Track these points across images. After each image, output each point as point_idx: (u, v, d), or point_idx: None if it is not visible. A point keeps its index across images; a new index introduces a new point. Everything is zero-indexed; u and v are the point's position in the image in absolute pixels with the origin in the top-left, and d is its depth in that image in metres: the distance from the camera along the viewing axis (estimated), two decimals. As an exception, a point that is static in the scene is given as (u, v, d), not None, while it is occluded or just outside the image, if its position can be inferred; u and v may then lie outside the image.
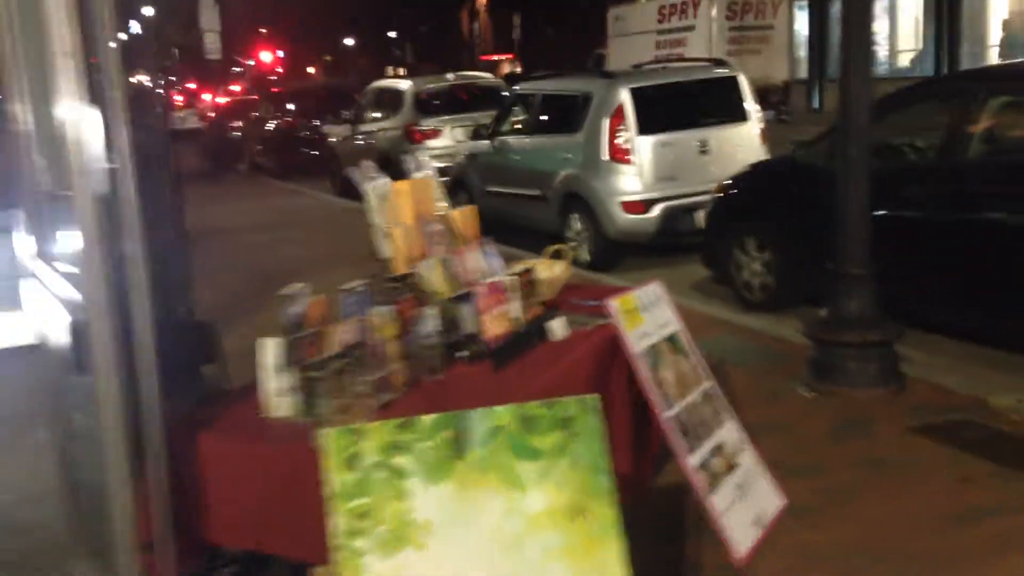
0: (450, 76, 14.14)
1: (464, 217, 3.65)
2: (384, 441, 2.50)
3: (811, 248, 6.65)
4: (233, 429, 2.72)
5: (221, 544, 2.74)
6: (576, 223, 9.45)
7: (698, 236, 8.51)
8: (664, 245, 9.29)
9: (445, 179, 12.03)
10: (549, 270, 4.23)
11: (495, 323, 3.37)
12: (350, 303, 2.88)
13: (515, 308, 3.47)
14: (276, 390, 2.61)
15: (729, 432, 4.14)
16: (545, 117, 10.27)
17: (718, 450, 3.99)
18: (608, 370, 3.76)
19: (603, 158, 9.15)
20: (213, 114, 23.81)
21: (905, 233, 6.32)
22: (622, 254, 9.35)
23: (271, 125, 19.25)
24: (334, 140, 15.74)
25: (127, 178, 2.41)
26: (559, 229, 9.68)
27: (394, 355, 3.01)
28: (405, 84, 13.87)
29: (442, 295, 3.28)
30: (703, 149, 9.30)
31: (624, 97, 9.15)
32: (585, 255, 9.34)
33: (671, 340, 4.06)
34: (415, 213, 3.44)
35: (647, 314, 4.01)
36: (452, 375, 3.20)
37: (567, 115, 9.76)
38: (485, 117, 11.70)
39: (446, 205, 3.67)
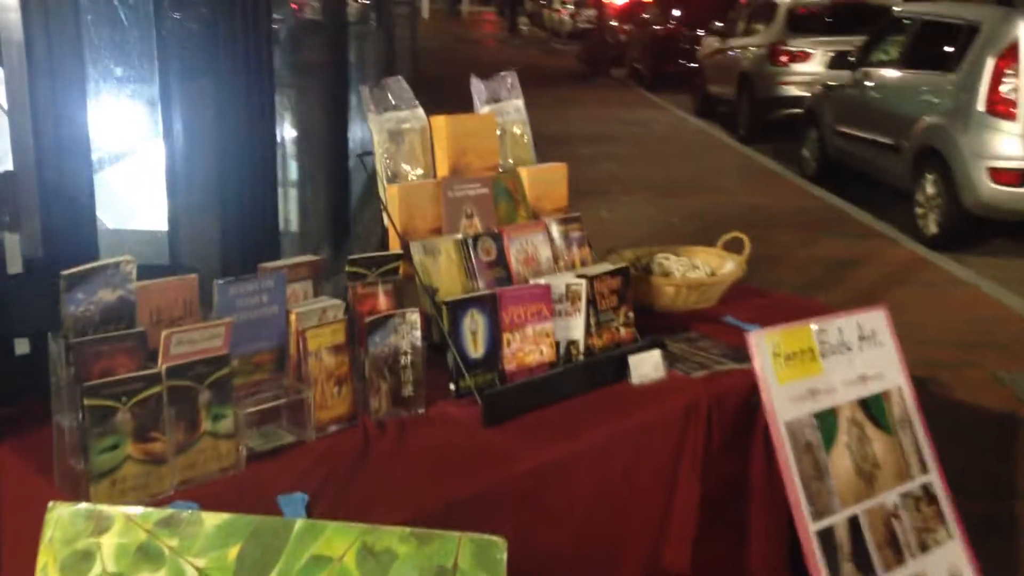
0: (836, -10, 12.12)
1: (539, 177, 2.49)
2: (135, 540, 1.55)
3: None
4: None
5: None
6: (929, 185, 7.57)
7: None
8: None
9: (796, 112, 10.43)
10: (712, 268, 2.94)
11: (528, 347, 2.24)
12: (238, 292, 1.92)
13: (572, 326, 2.30)
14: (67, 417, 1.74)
15: (942, 560, 2.68)
16: (918, 49, 8.30)
17: (908, 588, 2.58)
18: (743, 442, 2.49)
19: (977, 108, 7.16)
20: (606, 14, 22.96)
21: None
22: (982, 233, 7.37)
23: (654, 31, 18.15)
24: (703, 52, 14.37)
25: None
26: (909, 189, 7.85)
27: (324, 374, 2.01)
28: (784, -5, 12.10)
29: (446, 294, 2.21)
30: None
31: (1021, 32, 7.05)
32: (932, 226, 7.48)
33: (869, 405, 2.66)
34: (454, 164, 2.36)
35: (837, 359, 2.64)
36: (432, 417, 2.15)
37: (944, 49, 7.77)
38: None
39: (529, 157, 2.53)
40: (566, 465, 2.09)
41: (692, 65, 15.50)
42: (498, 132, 2.48)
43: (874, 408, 2.66)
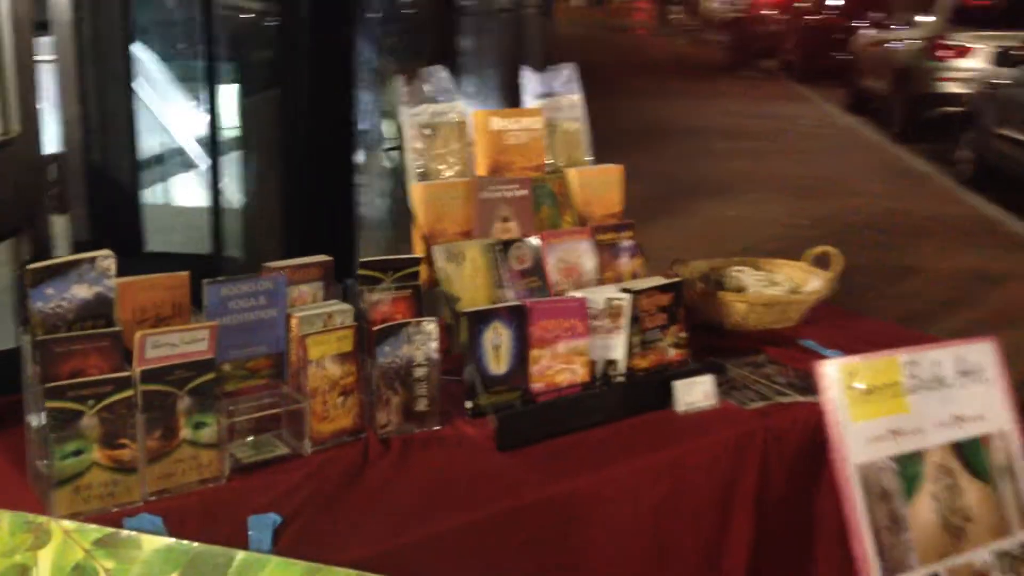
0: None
1: (590, 179, 2.27)
2: (71, 559, 1.44)
3: None
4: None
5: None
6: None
7: None
8: None
9: (955, 110, 9.73)
10: (795, 284, 2.66)
11: (558, 365, 2.03)
12: (231, 293, 1.79)
13: (612, 345, 2.09)
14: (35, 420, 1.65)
15: (1044, 632, 2.34)
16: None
17: (996, 663, 2.26)
18: (809, 485, 2.22)
19: None
20: (758, 3, 22.09)
21: None
22: None
23: (808, 21, 17.39)
24: (858, 44, 13.65)
25: None
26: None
27: (327, 384, 1.87)
28: (949, -16, 11.31)
29: (469, 304, 2.03)
30: None
31: None
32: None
33: (964, 449, 2.34)
34: (493, 163, 2.17)
35: (929, 396, 2.33)
36: (445, 436, 1.98)
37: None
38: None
39: (583, 158, 2.32)
40: (587, 500, 1.88)
41: (846, 57, 14.75)
42: (548, 129, 2.28)
43: (970, 454, 2.34)
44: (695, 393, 2.12)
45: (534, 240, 2.14)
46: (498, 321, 1.98)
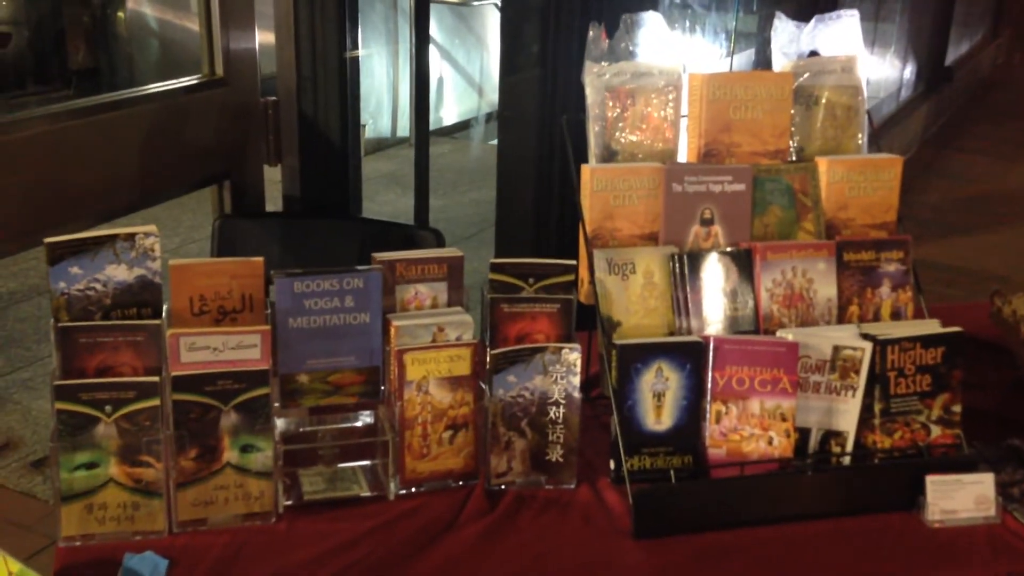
0: None
1: (850, 173, 1.60)
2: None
3: None
4: None
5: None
6: None
7: None
8: None
9: None
10: None
11: (749, 429, 1.46)
12: (307, 290, 1.42)
13: (837, 411, 1.46)
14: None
15: None
16: None
17: None
18: None
19: None
20: None
21: None
22: None
23: None
24: None
25: None
26: None
27: (431, 414, 1.47)
28: None
29: (632, 331, 1.51)
30: None
31: None
32: None
33: None
34: (709, 144, 1.59)
35: None
36: (575, 501, 1.50)
37: None
38: None
39: (854, 144, 1.66)
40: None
41: None
42: (803, 101, 1.66)
43: None
44: (960, 497, 1.44)
45: (741, 251, 1.56)
46: (664, 360, 1.45)
